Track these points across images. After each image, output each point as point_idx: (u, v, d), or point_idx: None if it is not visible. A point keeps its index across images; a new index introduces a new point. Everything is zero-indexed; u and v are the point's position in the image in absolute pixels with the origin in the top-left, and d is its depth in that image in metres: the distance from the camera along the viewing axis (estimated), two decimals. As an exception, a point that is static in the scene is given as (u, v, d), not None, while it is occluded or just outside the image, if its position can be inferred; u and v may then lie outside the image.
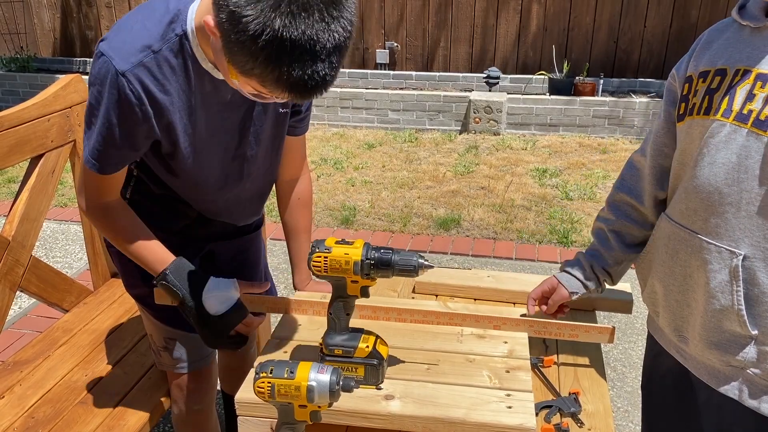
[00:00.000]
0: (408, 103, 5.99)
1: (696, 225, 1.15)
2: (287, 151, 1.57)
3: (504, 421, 1.17)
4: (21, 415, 1.63)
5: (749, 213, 1.07)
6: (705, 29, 5.47)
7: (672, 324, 1.25)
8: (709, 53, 1.17)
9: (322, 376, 1.05)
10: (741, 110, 1.07)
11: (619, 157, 5.24)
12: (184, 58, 1.22)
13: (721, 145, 1.10)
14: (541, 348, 1.55)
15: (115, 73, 1.17)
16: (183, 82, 1.24)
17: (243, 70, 1.05)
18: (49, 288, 2.00)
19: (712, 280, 1.12)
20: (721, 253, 1.11)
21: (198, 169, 1.38)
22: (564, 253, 3.71)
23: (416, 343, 1.41)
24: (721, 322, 1.12)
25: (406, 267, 1.20)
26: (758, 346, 1.09)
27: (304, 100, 1.11)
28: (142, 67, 1.18)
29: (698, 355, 1.20)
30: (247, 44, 0.99)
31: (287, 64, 1.00)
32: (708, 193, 1.12)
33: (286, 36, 0.97)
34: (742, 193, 1.08)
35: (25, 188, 1.91)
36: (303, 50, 0.99)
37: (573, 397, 1.35)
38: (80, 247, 3.83)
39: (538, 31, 6.31)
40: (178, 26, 1.20)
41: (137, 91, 1.19)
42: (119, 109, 1.20)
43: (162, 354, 1.63)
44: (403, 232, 3.98)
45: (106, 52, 1.18)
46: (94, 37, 7.28)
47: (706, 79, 1.15)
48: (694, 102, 1.16)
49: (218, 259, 1.66)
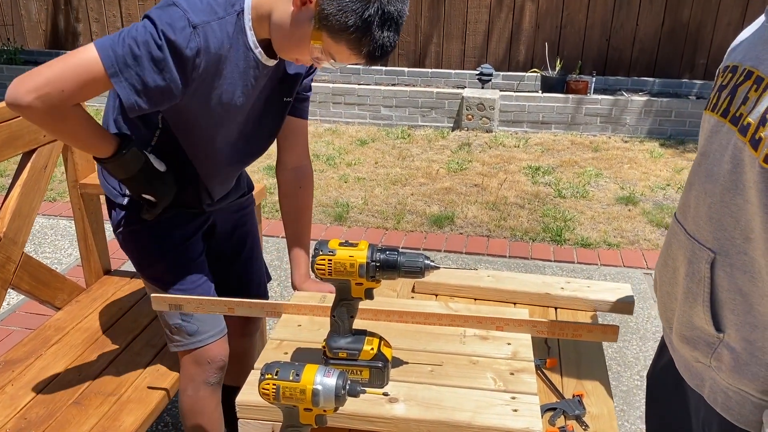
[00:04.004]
0: (401, 100, 5.97)
1: (685, 220, 1.16)
2: (291, 134, 1.69)
3: (509, 425, 1.16)
4: (13, 416, 1.60)
5: (720, 214, 1.06)
6: (697, 28, 5.53)
7: (664, 315, 1.26)
8: (736, 49, 1.16)
9: (328, 380, 1.03)
10: (735, 112, 1.06)
11: (611, 155, 5.25)
12: (237, 32, 1.37)
13: (714, 142, 1.09)
14: (543, 349, 1.54)
15: (186, 23, 1.27)
16: (231, 53, 1.38)
17: (337, 35, 1.28)
18: (40, 285, 1.97)
19: (687, 275, 1.12)
20: (695, 250, 1.10)
21: (215, 136, 1.50)
22: (557, 251, 3.72)
23: (419, 344, 1.39)
24: (692, 319, 1.12)
25: (412, 269, 1.18)
26: (723, 347, 1.08)
27: (373, 64, 1.38)
28: (209, 26, 1.31)
29: (678, 348, 1.20)
30: (358, 11, 1.25)
31: (380, 32, 1.28)
32: (695, 190, 1.12)
33: (388, 9, 1.27)
34: (721, 193, 1.06)
35: (17, 184, 1.87)
36: (393, 21, 1.29)
37: (577, 399, 1.34)
38: (69, 242, 3.78)
39: (531, 28, 6.30)
40: (238, 4, 1.36)
41: (199, 44, 1.30)
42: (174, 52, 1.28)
43: (178, 331, 1.63)
44: (396, 229, 3.96)
45: (179, 4, 1.28)
46: (83, 30, 7.20)
47: (724, 74, 1.14)
48: (710, 97, 1.16)
49: (218, 233, 1.77)
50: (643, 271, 3.53)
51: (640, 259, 3.64)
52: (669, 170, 4.94)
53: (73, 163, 2.07)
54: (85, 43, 7.19)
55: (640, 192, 4.52)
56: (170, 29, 1.26)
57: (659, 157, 5.23)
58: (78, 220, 2.15)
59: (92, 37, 7.17)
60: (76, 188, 2.10)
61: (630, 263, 3.60)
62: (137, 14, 6.98)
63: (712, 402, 1.10)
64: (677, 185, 4.63)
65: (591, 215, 4.16)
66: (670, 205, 4.29)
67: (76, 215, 2.15)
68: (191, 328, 1.63)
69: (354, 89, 6.04)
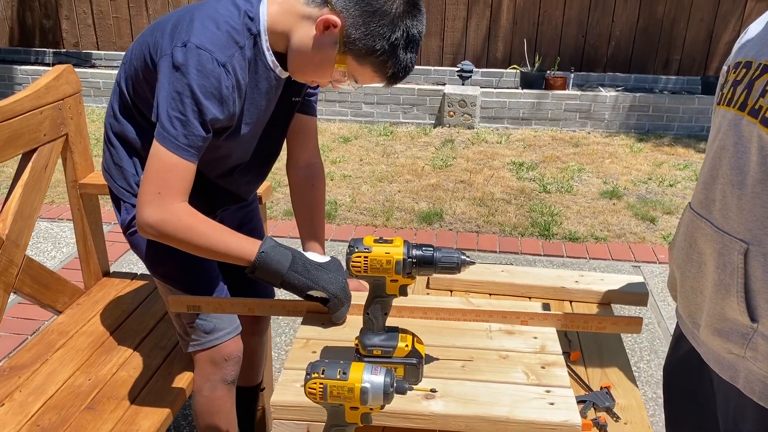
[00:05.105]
0: (382, 97, 5.96)
1: (711, 214, 1.17)
2: (301, 132, 1.69)
3: (549, 419, 1.16)
4: (25, 423, 1.55)
5: (752, 204, 1.08)
6: (670, 24, 5.61)
7: (687, 310, 1.27)
8: (747, 45, 1.18)
9: (376, 378, 1.02)
10: (754, 105, 1.08)
11: (592, 150, 5.32)
12: (255, 54, 1.37)
13: (734, 135, 1.11)
14: (564, 342, 1.55)
15: (216, 64, 1.28)
16: (251, 76, 1.39)
17: (363, 58, 1.31)
18: (42, 289, 1.92)
19: (718, 268, 1.14)
20: (726, 242, 1.12)
21: (233, 149, 1.51)
22: (546, 246, 3.75)
23: (446, 340, 1.39)
24: (725, 311, 1.14)
25: (449, 264, 1.18)
26: (758, 337, 1.10)
27: (393, 85, 1.38)
28: (234, 59, 1.32)
29: (707, 341, 1.21)
30: (385, 35, 1.28)
31: (404, 54, 1.31)
32: (719, 184, 1.14)
33: (412, 33, 1.30)
34: (752, 185, 1.08)
35: (18, 184, 1.82)
36: (416, 43, 1.32)
37: (605, 391, 1.35)
38: (53, 245, 3.69)
39: (509, 25, 6.35)
40: (254, 26, 1.35)
41: (233, 80, 1.32)
42: (214, 95, 1.30)
43: (193, 331, 1.61)
44: (386, 226, 3.96)
45: (202, 46, 1.28)
46: (52, 27, 7.02)
47: (737, 70, 1.16)
48: (722, 93, 1.18)
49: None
50: (632, 263, 3.58)
51: (627, 252, 3.70)
52: (649, 164, 5.02)
53: (72, 162, 2.02)
54: (55, 41, 7.02)
55: (623, 186, 4.59)
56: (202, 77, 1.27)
57: (639, 151, 5.32)
58: (77, 221, 2.10)
59: (62, 36, 7.01)
60: (76, 188, 2.05)
61: (618, 256, 3.65)
62: (109, 11, 6.84)
63: (748, 392, 1.12)
64: (658, 179, 4.71)
65: (577, 210, 4.21)
66: (653, 199, 4.36)
67: (75, 216, 2.09)
68: (208, 326, 1.60)
69: (335, 86, 6.02)
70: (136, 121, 1.51)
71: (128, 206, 1.59)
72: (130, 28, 6.87)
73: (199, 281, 1.60)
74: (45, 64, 6.86)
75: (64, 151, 1.99)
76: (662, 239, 3.84)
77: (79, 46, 7.03)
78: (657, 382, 2.65)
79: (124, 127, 1.53)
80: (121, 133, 1.54)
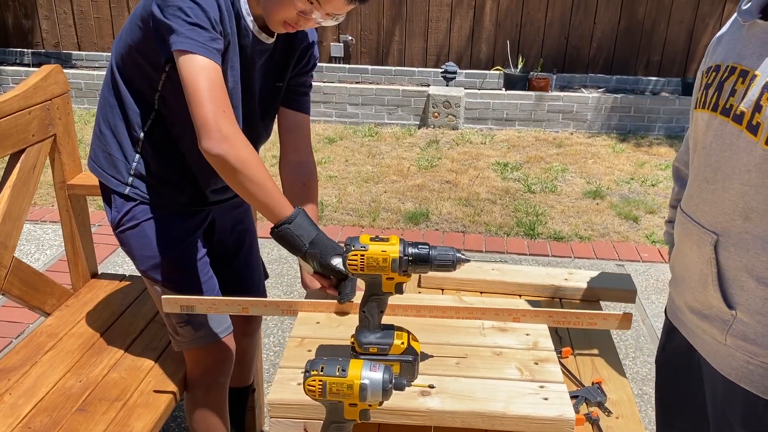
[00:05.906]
0: (366, 98, 5.97)
1: (690, 209, 1.23)
2: (295, 129, 1.68)
3: (543, 413, 1.18)
4: (16, 426, 1.54)
5: (721, 198, 1.14)
6: (651, 26, 5.70)
7: (681, 299, 1.31)
8: (716, 52, 1.24)
9: (374, 374, 1.03)
10: (725, 105, 1.14)
11: (574, 150, 5.37)
12: (236, 9, 1.41)
13: (709, 135, 1.17)
14: (555, 339, 1.57)
15: None
16: (233, 28, 1.41)
17: None
18: (31, 290, 1.90)
19: (699, 259, 1.19)
20: (701, 235, 1.18)
21: None
22: (532, 245, 3.79)
23: (440, 338, 1.41)
24: (708, 299, 1.19)
25: (445, 262, 1.19)
26: (738, 323, 1.15)
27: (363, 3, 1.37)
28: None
29: (695, 330, 1.25)
30: None
31: None
32: (697, 180, 1.21)
33: None
34: (722, 180, 1.14)
35: (6, 185, 1.80)
36: None
37: (597, 386, 1.37)
38: (36, 247, 3.66)
39: (492, 26, 6.39)
40: None
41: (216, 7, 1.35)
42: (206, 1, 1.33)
43: (183, 330, 1.60)
44: (372, 226, 3.97)
45: None
46: (30, 27, 6.94)
47: (708, 74, 1.22)
48: (697, 97, 1.25)
49: (218, 231, 1.75)
50: (616, 262, 3.63)
51: (611, 251, 3.75)
52: (632, 164, 5.09)
53: (60, 163, 2.00)
54: (34, 41, 6.94)
55: (606, 186, 4.64)
56: None
57: (621, 152, 5.38)
58: (65, 222, 2.08)
59: (42, 36, 6.93)
60: (64, 189, 2.04)
61: (602, 255, 3.69)
62: (90, 11, 6.77)
63: (735, 378, 1.15)
64: (641, 179, 4.78)
65: (561, 209, 4.26)
66: (636, 198, 4.42)
67: (63, 217, 2.08)
68: (198, 325, 1.60)
69: (319, 87, 6.01)
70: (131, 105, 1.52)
71: (119, 202, 1.58)
72: (111, 29, 6.81)
73: (189, 279, 1.60)
74: (24, 65, 6.78)
75: (53, 151, 1.98)
76: (645, 238, 3.89)
77: (59, 47, 6.95)
78: (642, 379, 2.69)
79: (117, 116, 1.53)
80: (113, 121, 1.54)
